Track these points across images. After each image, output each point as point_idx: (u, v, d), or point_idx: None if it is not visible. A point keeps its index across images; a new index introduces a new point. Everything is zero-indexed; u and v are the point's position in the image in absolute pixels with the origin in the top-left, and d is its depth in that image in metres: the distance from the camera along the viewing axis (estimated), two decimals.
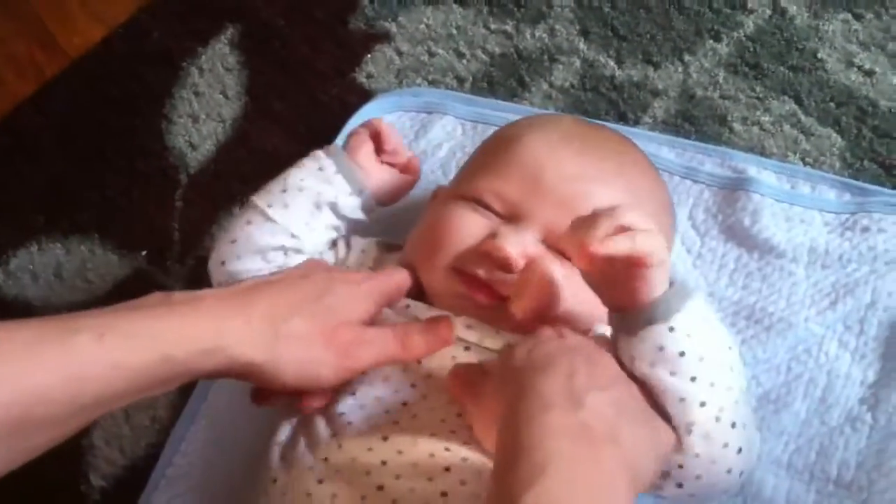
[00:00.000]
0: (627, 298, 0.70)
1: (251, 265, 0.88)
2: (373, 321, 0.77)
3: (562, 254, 0.78)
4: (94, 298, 1.14)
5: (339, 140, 1.10)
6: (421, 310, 0.83)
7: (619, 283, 0.70)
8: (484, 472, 0.70)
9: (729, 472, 0.72)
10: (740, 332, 0.93)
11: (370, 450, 0.73)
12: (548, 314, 0.78)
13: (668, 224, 0.91)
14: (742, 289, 0.96)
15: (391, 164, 0.98)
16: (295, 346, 0.69)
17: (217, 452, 0.98)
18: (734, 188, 1.00)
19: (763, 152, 1.05)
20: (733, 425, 0.71)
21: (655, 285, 0.70)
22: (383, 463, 0.72)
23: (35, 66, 1.35)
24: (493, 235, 0.81)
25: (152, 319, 0.63)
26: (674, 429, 0.70)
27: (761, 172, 1.01)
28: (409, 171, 0.98)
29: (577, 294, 0.77)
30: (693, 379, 0.70)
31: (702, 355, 0.70)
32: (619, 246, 0.66)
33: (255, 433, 0.94)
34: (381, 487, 0.70)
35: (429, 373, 0.79)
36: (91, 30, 1.35)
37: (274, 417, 0.84)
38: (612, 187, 0.83)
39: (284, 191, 0.91)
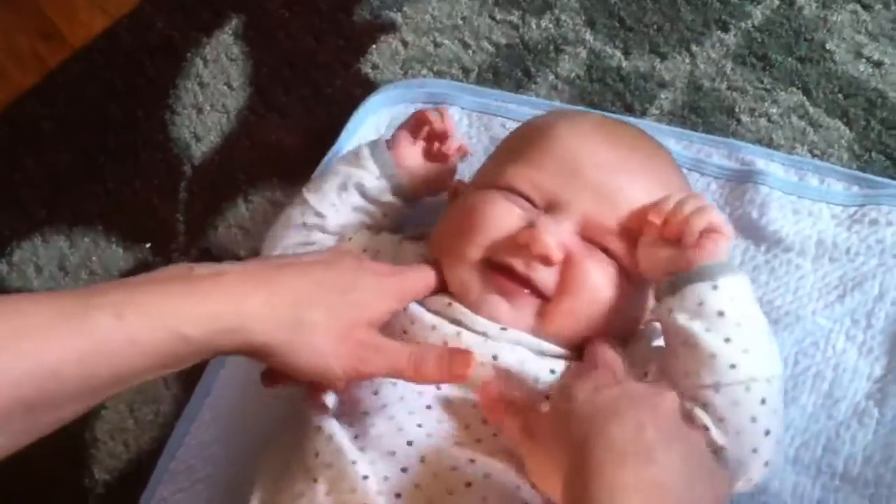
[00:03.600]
0: (690, 258, 0.75)
1: (285, 240, 0.93)
2: (393, 317, 0.77)
3: (599, 245, 0.80)
4: None
5: (345, 133, 1.10)
6: (461, 312, 0.80)
7: (689, 244, 0.75)
8: (505, 490, 0.70)
9: (755, 451, 0.71)
10: None
11: (393, 454, 0.72)
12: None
13: None
14: (750, 282, 0.95)
15: (436, 155, 0.97)
16: (311, 335, 0.68)
17: (220, 447, 0.98)
18: (741, 180, 1.00)
19: (771, 144, 1.04)
20: (763, 401, 0.71)
21: (719, 252, 0.75)
22: (403, 470, 0.71)
23: (37, 57, 1.35)
24: (530, 225, 0.79)
25: (172, 296, 0.62)
26: (702, 387, 0.71)
27: (769, 164, 1.00)
28: (446, 161, 0.98)
29: (614, 300, 0.80)
30: (727, 340, 0.72)
31: (740, 321, 0.72)
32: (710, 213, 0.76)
33: (258, 428, 0.94)
34: (398, 496, 0.70)
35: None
36: (94, 20, 1.35)
37: (284, 413, 0.83)
38: (646, 178, 0.83)
39: (322, 174, 0.96)
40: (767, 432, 0.71)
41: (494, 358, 0.77)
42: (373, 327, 0.73)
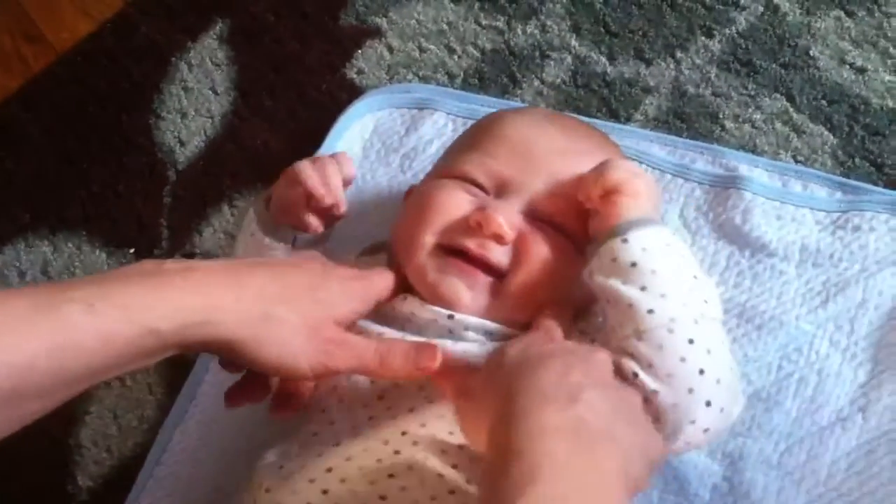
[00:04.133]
0: (603, 224, 0.78)
1: None
2: (358, 320, 0.78)
3: (550, 223, 0.81)
4: None
5: (330, 137, 1.10)
6: (413, 304, 0.81)
7: (596, 212, 0.78)
8: (426, 480, 0.71)
9: (691, 391, 0.71)
10: (731, 330, 0.93)
11: (319, 455, 0.73)
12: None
13: None
14: (733, 287, 0.95)
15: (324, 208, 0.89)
16: (279, 330, 0.69)
17: (205, 452, 0.98)
18: (725, 186, 1.00)
19: (755, 150, 1.04)
20: (691, 342, 0.71)
21: (626, 211, 0.77)
22: (328, 470, 0.72)
23: (22, 60, 1.34)
24: (481, 208, 0.80)
25: (142, 290, 0.63)
26: (625, 337, 0.72)
27: (753, 170, 1.01)
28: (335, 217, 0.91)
29: (564, 267, 0.81)
30: (643, 288, 0.73)
31: (654, 269, 0.74)
32: (605, 177, 0.78)
33: (243, 433, 0.94)
34: (325, 492, 0.70)
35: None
36: (78, 24, 1.34)
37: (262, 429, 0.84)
38: (594, 159, 0.83)
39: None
40: (702, 371, 0.71)
41: None
42: (339, 326, 0.74)
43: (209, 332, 0.65)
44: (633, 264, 0.74)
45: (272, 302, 0.69)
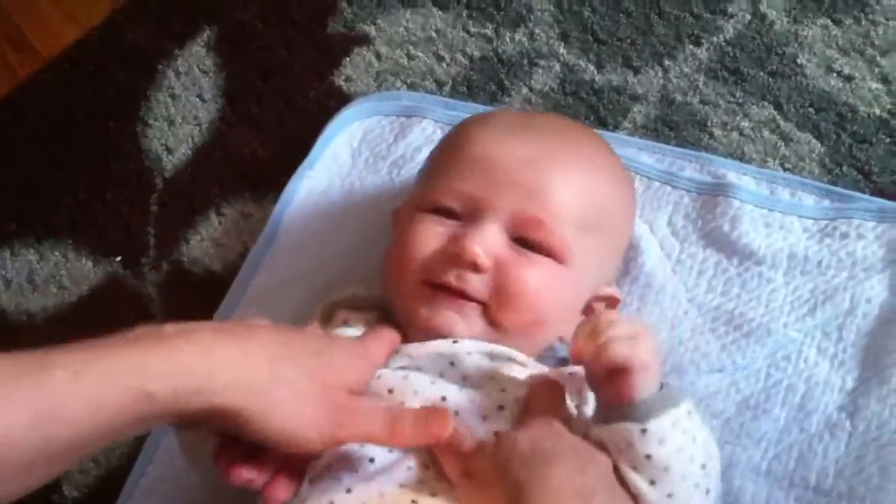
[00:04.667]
0: (614, 399, 0.70)
1: None
2: (366, 386, 0.75)
3: (530, 239, 0.80)
4: (67, 304, 1.13)
5: (318, 145, 1.10)
6: (412, 348, 0.80)
7: (605, 383, 0.70)
8: None
9: None
10: (719, 337, 0.93)
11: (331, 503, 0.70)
12: None
13: (630, 202, 0.93)
14: (721, 295, 0.95)
15: None
16: (287, 393, 0.64)
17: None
18: (714, 194, 1.00)
19: (743, 158, 1.04)
20: None
21: (640, 390, 0.69)
22: None
23: (8, 67, 1.34)
24: (456, 238, 0.80)
25: (135, 352, 0.59)
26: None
27: (741, 178, 1.01)
28: None
29: (553, 295, 0.80)
30: (652, 483, 0.70)
31: (668, 466, 0.69)
32: (613, 348, 0.68)
33: None
34: None
35: None
36: (65, 31, 1.34)
37: None
38: (568, 166, 0.83)
39: None
40: None
41: (443, 399, 0.75)
42: (353, 394, 0.70)
43: (208, 400, 0.60)
44: (648, 457, 0.69)
45: (277, 363, 0.65)
